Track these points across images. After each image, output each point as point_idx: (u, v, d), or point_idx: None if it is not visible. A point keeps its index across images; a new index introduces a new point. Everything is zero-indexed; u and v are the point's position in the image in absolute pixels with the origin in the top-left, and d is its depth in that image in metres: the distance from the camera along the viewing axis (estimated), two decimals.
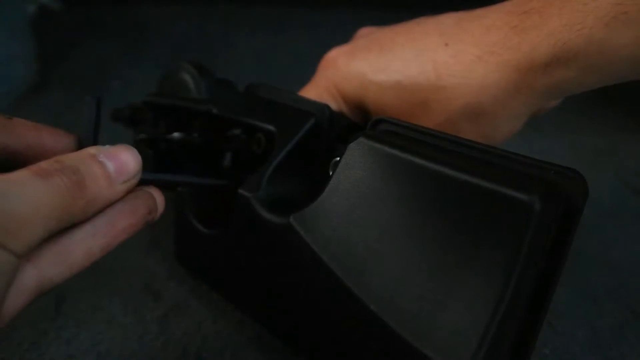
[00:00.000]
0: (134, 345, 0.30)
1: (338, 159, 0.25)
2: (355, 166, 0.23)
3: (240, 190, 0.26)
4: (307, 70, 0.34)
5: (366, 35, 0.33)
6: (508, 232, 0.19)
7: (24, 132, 0.22)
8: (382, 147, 0.23)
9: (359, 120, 0.31)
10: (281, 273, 0.26)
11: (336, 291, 0.22)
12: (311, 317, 0.25)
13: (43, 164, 0.18)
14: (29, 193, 0.17)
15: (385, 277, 0.21)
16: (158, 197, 0.23)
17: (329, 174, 0.26)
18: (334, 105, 0.30)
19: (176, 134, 0.31)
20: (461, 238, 0.20)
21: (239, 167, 0.30)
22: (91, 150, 0.20)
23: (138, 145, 0.36)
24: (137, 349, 0.29)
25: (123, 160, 0.21)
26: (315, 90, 0.31)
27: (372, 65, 0.29)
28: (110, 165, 0.20)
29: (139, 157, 0.22)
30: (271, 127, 0.28)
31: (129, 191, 0.21)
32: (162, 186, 0.24)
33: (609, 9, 0.22)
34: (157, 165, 0.34)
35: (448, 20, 0.29)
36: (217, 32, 0.78)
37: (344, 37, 0.35)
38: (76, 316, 0.31)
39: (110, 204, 0.21)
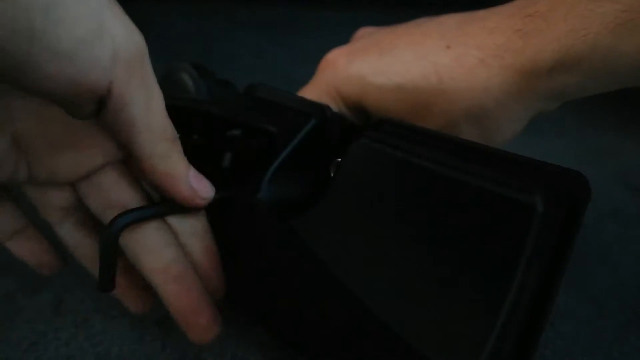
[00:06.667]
0: (133, 346, 0.29)
1: (340, 160, 0.25)
2: (357, 167, 0.23)
3: (240, 192, 0.26)
4: (308, 70, 0.34)
5: (365, 36, 0.33)
6: (510, 234, 0.18)
7: None
8: (384, 148, 0.22)
9: (359, 122, 0.31)
10: (282, 276, 0.25)
11: (338, 294, 0.22)
12: (313, 320, 0.24)
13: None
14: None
15: (388, 281, 0.21)
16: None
17: (330, 175, 0.26)
18: (333, 107, 0.30)
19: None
20: (464, 240, 0.19)
21: (239, 168, 0.30)
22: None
23: None
24: (137, 350, 0.29)
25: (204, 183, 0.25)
26: (315, 92, 0.31)
27: (372, 67, 0.29)
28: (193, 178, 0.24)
29: (213, 190, 0.25)
30: (272, 128, 0.27)
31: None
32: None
33: (615, 16, 0.22)
34: None
35: (449, 22, 0.29)
36: (218, 31, 0.78)
37: (344, 37, 0.35)
38: (75, 317, 0.31)
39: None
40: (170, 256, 0.25)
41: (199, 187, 0.24)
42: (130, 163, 0.25)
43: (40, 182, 0.24)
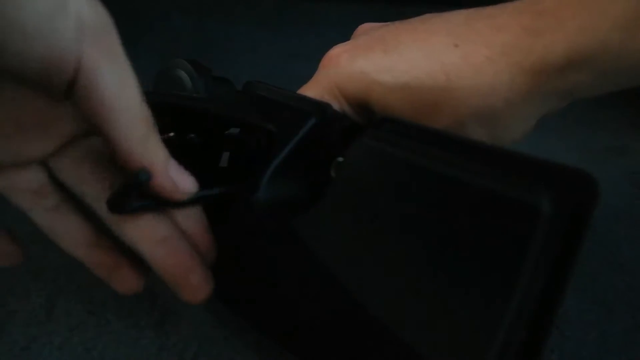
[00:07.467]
0: (128, 350, 0.29)
1: (341, 159, 0.25)
2: (358, 167, 0.23)
3: (239, 192, 0.26)
4: (308, 67, 0.34)
5: (368, 32, 0.32)
6: (515, 236, 0.18)
7: None
8: (386, 147, 0.22)
9: (362, 121, 0.31)
10: (281, 277, 0.25)
11: (339, 296, 0.22)
12: (312, 322, 0.24)
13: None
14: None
15: (390, 282, 0.20)
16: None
17: (330, 174, 0.26)
18: (335, 105, 0.29)
19: (172, 134, 0.30)
20: (467, 241, 0.19)
21: (238, 168, 0.29)
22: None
23: None
24: (132, 355, 0.29)
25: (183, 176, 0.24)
26: (316, 89, 0.31)
27: (376, 65, 0.28)
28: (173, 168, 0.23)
29: (195, 185, 0.24)
30: (271, 127, 0.27)
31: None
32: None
33: (627, 14, 0.22)
34: None
35: (456, 18, 0.28)
36: (215, 27, 0.77)
37: (345, 33, 0.34)
38: (68, 321, 0.31)
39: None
40: (154, 221, 0.24)
41: (179, 180, 0.23)
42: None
43: (7, 164, 0.23)
